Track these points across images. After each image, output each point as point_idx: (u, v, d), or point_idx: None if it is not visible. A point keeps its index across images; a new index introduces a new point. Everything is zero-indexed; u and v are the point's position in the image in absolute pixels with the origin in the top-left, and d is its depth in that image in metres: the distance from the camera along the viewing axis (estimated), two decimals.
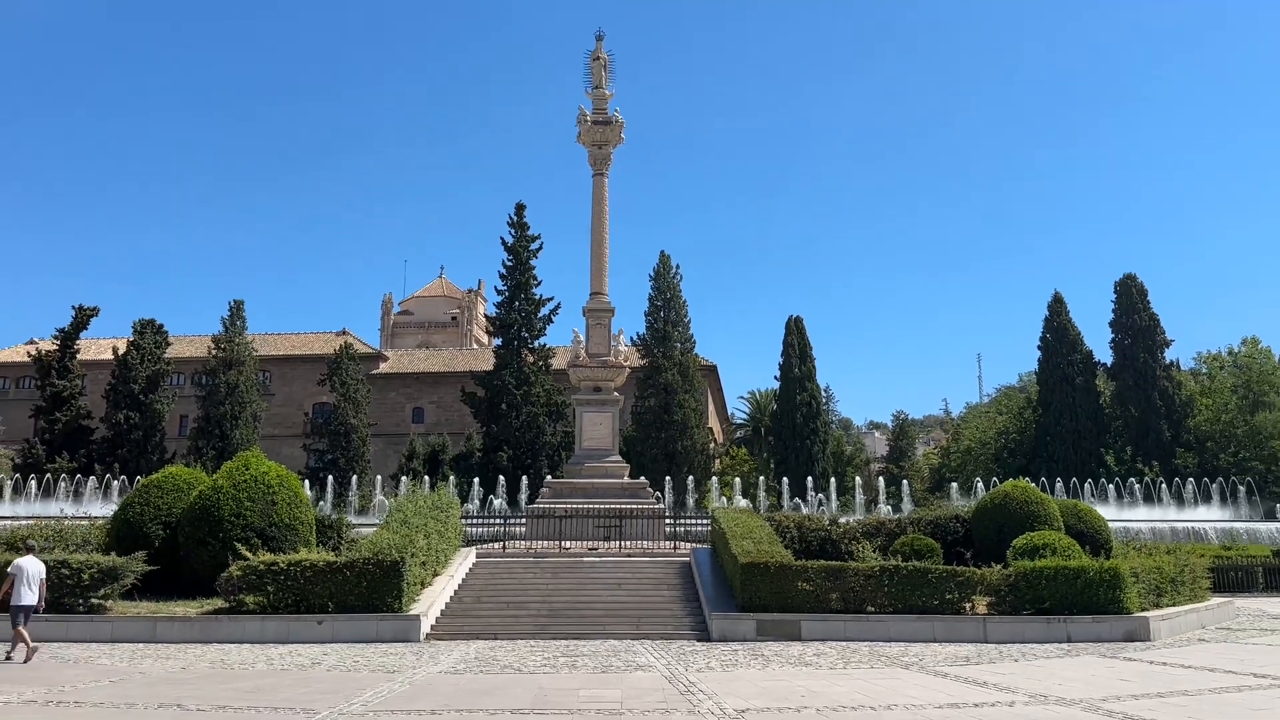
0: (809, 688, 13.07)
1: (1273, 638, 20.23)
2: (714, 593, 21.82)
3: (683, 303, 65.09)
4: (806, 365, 67.72)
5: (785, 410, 67.07)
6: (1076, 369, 65.21)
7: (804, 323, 69.05)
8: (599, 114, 38.58)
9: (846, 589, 20.16)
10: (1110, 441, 62.87)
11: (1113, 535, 26.57)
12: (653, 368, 62.21)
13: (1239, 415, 63.01)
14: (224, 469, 23.34)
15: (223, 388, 62.32)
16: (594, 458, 35.52)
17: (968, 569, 20.99)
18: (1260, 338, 71.37)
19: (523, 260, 62.49)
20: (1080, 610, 19.70)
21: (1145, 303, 66.07)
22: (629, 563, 25.37)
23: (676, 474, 54.60)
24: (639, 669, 15.16)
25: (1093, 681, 13.77)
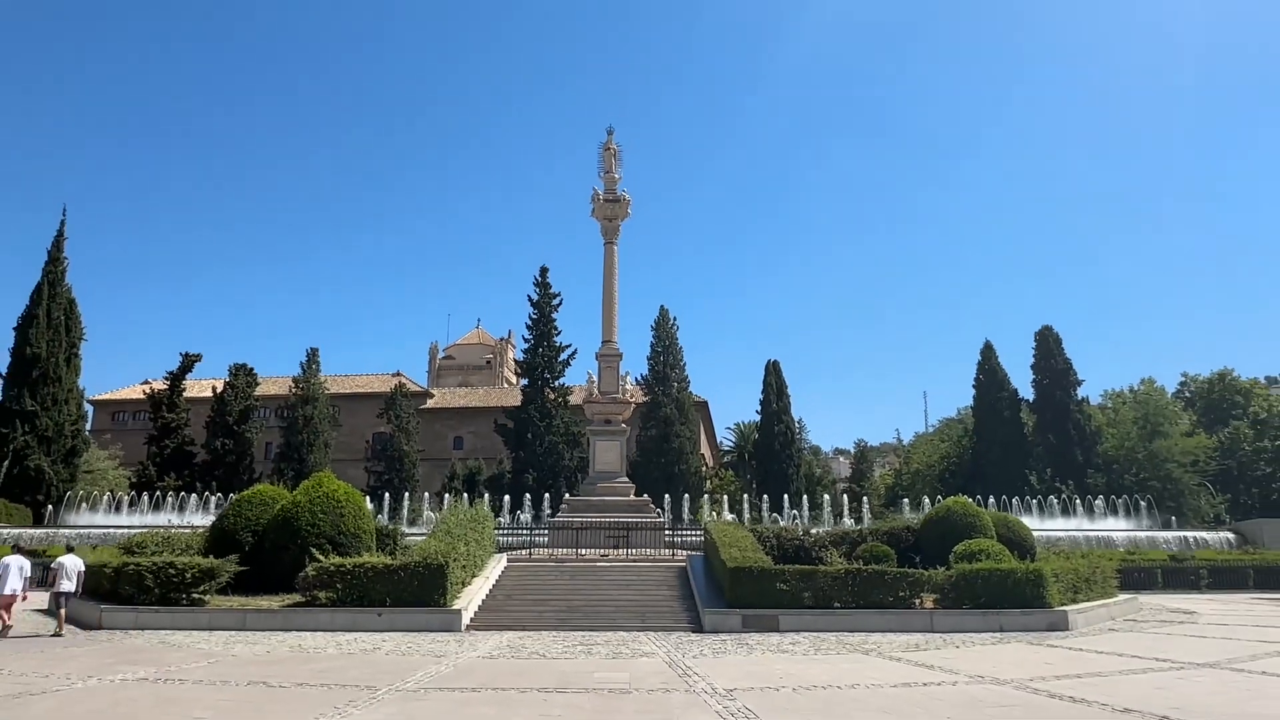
0: (786, 670, 13.02)
1: (1171, 628, 20.11)
2: (706, 592, 21.72)
3: (679, 348, 65.26)
4: (783, 401, 67.69)
5: (765, 439, 66.94)
6: (1005, 405, 65.10)
7: (781, 365, 69.08)
8: (609, 194, 39.04)
9: (817, 588, 20.07)
10: (1033, 464, 62.59)
11: (1036, 542, 26.38)
12: (654, 403, 62.23)
13: (1139, 443, 62.82)
14: (301, 487, 23.34)
15: (300, 420, 62.44)
16: (605, 479, 35.49)
17: (917, 571, 20.90)
18: (1155, 378, 71.55)
19: (546, 314, 62.77)
20: (1011, 605, 19.59)
21: (1060, 349, 66.11)
22: (635, 567, 25.28)
23: (674, 493, 54.35)
24: (644, 656, 15.10)
25: (1022, 664, 13.70)
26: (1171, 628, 20.06)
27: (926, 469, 72.64)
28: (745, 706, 9.78)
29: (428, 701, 10.38)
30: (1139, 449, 62.17)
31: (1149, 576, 35.13)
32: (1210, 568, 36.36)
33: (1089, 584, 22.78)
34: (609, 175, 39.40)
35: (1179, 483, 60.14)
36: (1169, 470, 60.29)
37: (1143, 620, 22.06)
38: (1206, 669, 12.80)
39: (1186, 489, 60.30)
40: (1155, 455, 61.17)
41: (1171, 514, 55.89)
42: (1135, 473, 61.06)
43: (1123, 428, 64.57)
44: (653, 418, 61.72)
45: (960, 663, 13.86)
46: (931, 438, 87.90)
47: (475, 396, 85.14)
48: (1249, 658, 14.03)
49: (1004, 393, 65.56)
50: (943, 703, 10.15)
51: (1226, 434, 68.31)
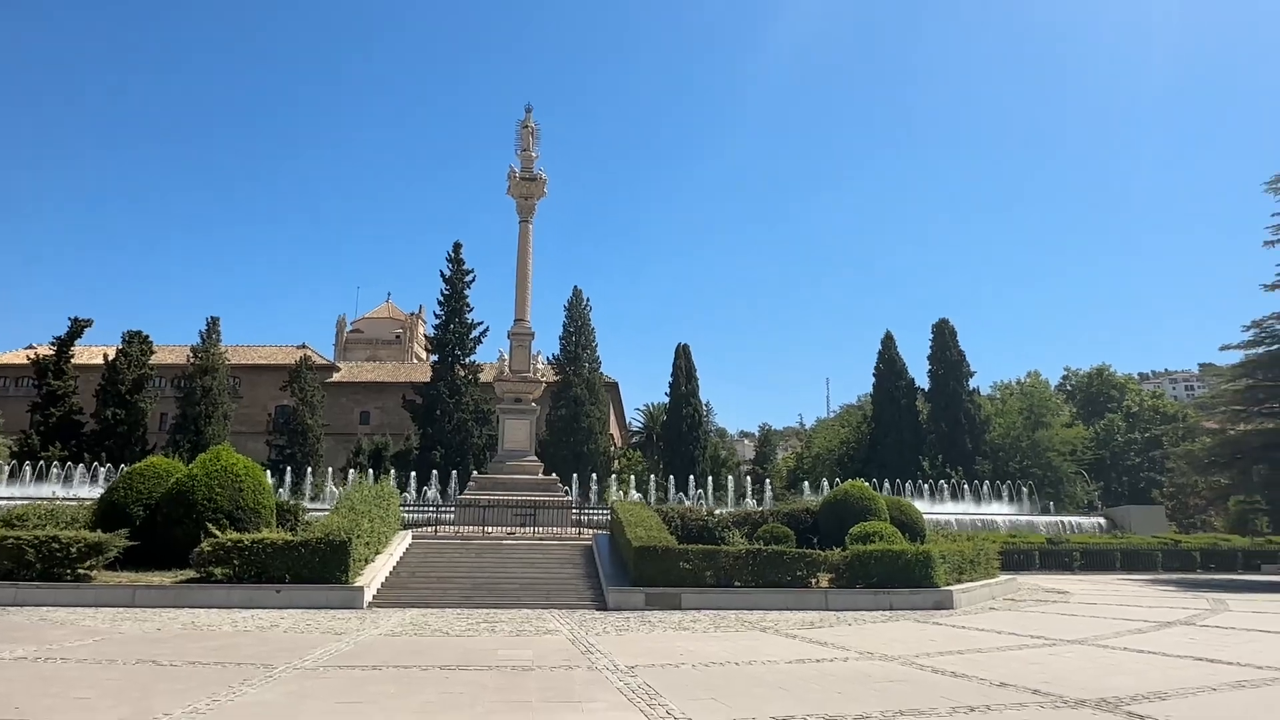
0: (686, 647, 13.24)
1: (1046, 606, 21.32)
2: (611, 570, 21.86)
3: (591, 329, 65.18)
4: (691, 384, 68.49)
5: (673, 421, 67.67)
6: (902, 393, 67.46)
7: (690, 349, 69.92)
8: (526, 172, 38.47)
9: (719, 567, 20.44)
10: (926, 450, 65.19)
11: (926, 525, 27.53)
12: (565, 383, 62.04)
13: (1024, 432, 66.15)
14: (198, 460, 22.36)
15: (198, 391, 59.68)
16: (514, 457, 35.22)
17: (815, 552, 21.55)
18: (1040, 371, 75.52)
19: (458, 290, 61.65)
20: (901, 584, 20.41)
21: (954, 342, 68.81)
22: (541, 545, 25.23)
23: (582, 472, 54.42)
24: (548, 633, 15.09)
25: (909, 641, 14.29)
26: (1046, 606, 21.28)
27: (827, 453, 74.81)
28: (646, 683, 9.90)
29: (326, 679, 10.13)
30: (1023, 438, 65.48)
31: (1028, 558, 37.20)
32: (1083, 550, 38.75)
33: (973, 565, 23.92)
34: (526, 154, 38.82)
35: (1058, 470, 63.69)
36: (1049, 458, 63.76)
37: (1021, 600, 23.33)
38: (1075, 645, 13.63)
39: (1065, 476, 63.92)
40: (1038, 444, 64.57)
41: (1050, 500, 59.23)
42: (1019, 460, 64.34)
43: (1009, 418, 67.85)
44: (563, 397, 61.51)
45: (852, 640, 14.36)
46: (833, 423, 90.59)
47: (384, 371, 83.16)
48: (1113, 634, 15.01)
49: (902, 382, 67.93)
50: (835, 678, 10.50)
51: (1102, 426, 72.75)
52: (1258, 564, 40.10)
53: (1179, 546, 40.78)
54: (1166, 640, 14.37)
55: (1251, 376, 39.31)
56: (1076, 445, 65.90)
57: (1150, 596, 24.99)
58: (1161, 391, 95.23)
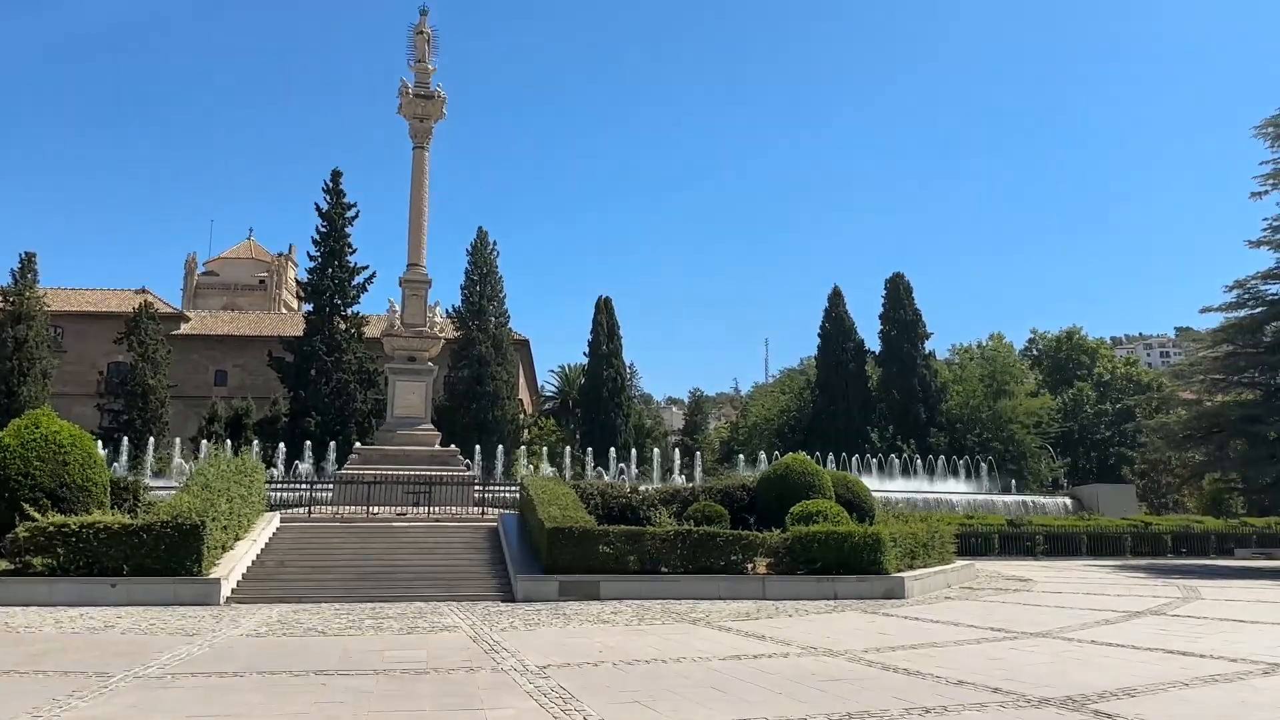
0: (606, 643, 13.32)
1: (1006, 596, 22.25)
2: (520, 556, 21.87)
3: (499, 278, 64.47)
4: (614, 343, 68.61)
5: (592, 384, 67.80)
6: (850, 356, 69.01)
7: (613, 303, 69.91)
8: (421, 88, 37.49)
9: (644, 551, 20.64)
10: (876, 421, 67.00)
11: (876, 504, 28.29)
12: (467, 340, 61.36)
13: (984, 401, 68.59)
14: (11, 427, 21.26)
15: (10, 343, 56.65)
16: (406, 425, 34.83)
17: (751, 533, 21.94)
18: (1004, 334, 78.16)
19: (338, 227, 59.95)
20: (847, 570, 20.97)
21: (910, 299, 70.52)
22: (438, 528, 25.08)
23: (487, 443, 54.11)
24: (445, 630, 15.01)
25: (856, 635, 14.70)
26: (1007, 596, 22.20)
27: (765, 423, 76.22)
28: (560, 685, 9.91)
29: (176, 689, 9.82)
30: (984, 408, 67.90)
31: (986, 542, 38.74)
32: (1046, 534, 40.57)
33: (927, 549, 24.75)
34: (421, 65, 37.79)
35: (1021, 444, 66.36)
36: (1012, 431, 66.33)
37: (979, 588, 24.28)
38: (1039, 639, 14.25)
39: (1028, 451, 66.66)
40: (999, 415, 67.06)
41: (1012, 477, 61.70)
42: (978, 433, 66.76)
43: (969, 385, 70.19)
44: (465, 356, 60.93)
45: (793, 633, 14.69)
46: (772, 389, 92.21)
47: (245, 322, 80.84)
48: (1079, 626, 15.75)
49: (850, 343, 69.44)
50: (773, 676, 10.71)
51: (1070, 396, 75.95)
52: (1230, 548, 42.73)
53: (1149, 529, 43.09)
54: (1136, 632, 15.15)
55: (1232, 342, 41.24)
56: (1042, 417, 68.68)
57: (1119, 584, 26.35)
58: (1136, 358, 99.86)
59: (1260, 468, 39.72)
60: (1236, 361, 41.05)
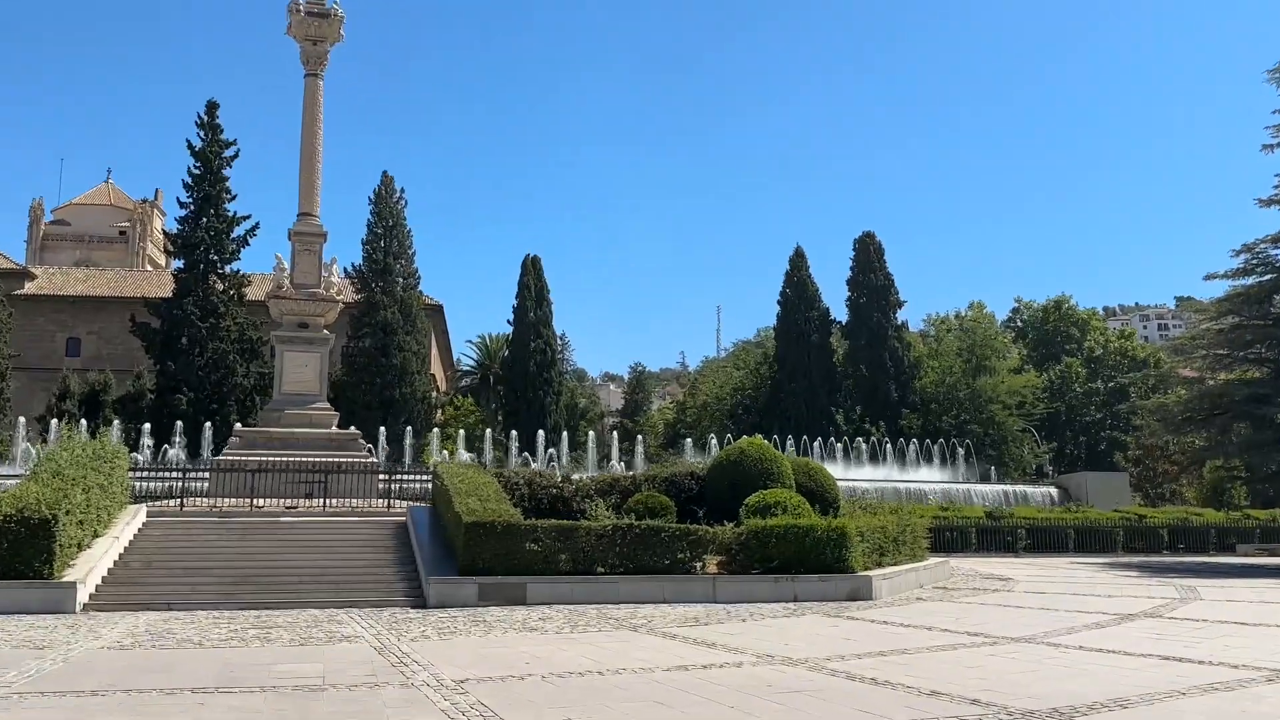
0: (533, 654, 13.36)
1: (985, 596, 22.81)
2: (433, 555, 21.83)
3: (407, 232, 63.74)
4: (543, 310, 68.42)
5: (518, 357, 67.56)
6: (813, 326, 69.72)
7: (541, 263, 69.59)
8: (315, 4, 36.77)
9: (577, 549, 20.72)
10: (842, 400, 67.89)
11: (841, 494, 28.73)
12: (370, 304, 60.62)
13: (962, 379, 69.86)
14: None
15: None
16: (297, 404, 34.45)
17: (700, 527, 22.15)
18: (986, 303, 79.58)
19: (214, 168, 58.53)
20: (808, 569, 21.29)
21: (881, 262, 71.40)
22: (335, 523, 24.96)
23: (393, 424, 53.67)
24: (344, 640, 14.92)
25: (817, 641, 14.94)
26: (985, 596, 22.76)
27: (716, 402, 76.76)
28: (480, 701, 9.92)
29: (22, 712, 9.61)
30: (961, 386, 69.18)
31: (963, 536, 39.66)
32: (1030, 527, 41.67)
33: (897, 545, 25.27)
34: None
35: (1002, 427, 67.84)
36: (993, 412, 67.74)
37: (955, 588, 24.86)
38: (1021, 643, 14.65)
39: (1010, 435, 68.17)
40: (979, 394, 68.40)
41: (992, 464, 63.13)
42: (955, 414, 68.05)
43: (945, 360, 71.42)
44: (367, 323, 60.23)
45: (747, 640, 14.89)
46: (724, 364, 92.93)
47: (102, 281, 78.99)
48: (1066, 630, 16.23)
49: (814, 311, 70.15)
50: (724, 688, 10.85)
51: (1057, 372, 77.74)
52: (1233, 543, 44.31)
53: (1144, 523, 44.48)
54: (1128, 636, 15.66)
55: (1239, 313, 42.28)
56: (1026, 396, 70.23)
57: (1109, 583, 27.18)
58: (1131, 330, 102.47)
59: (1266, 454, 40.87)
60: (1243, 335, 42.02)
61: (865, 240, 71.83)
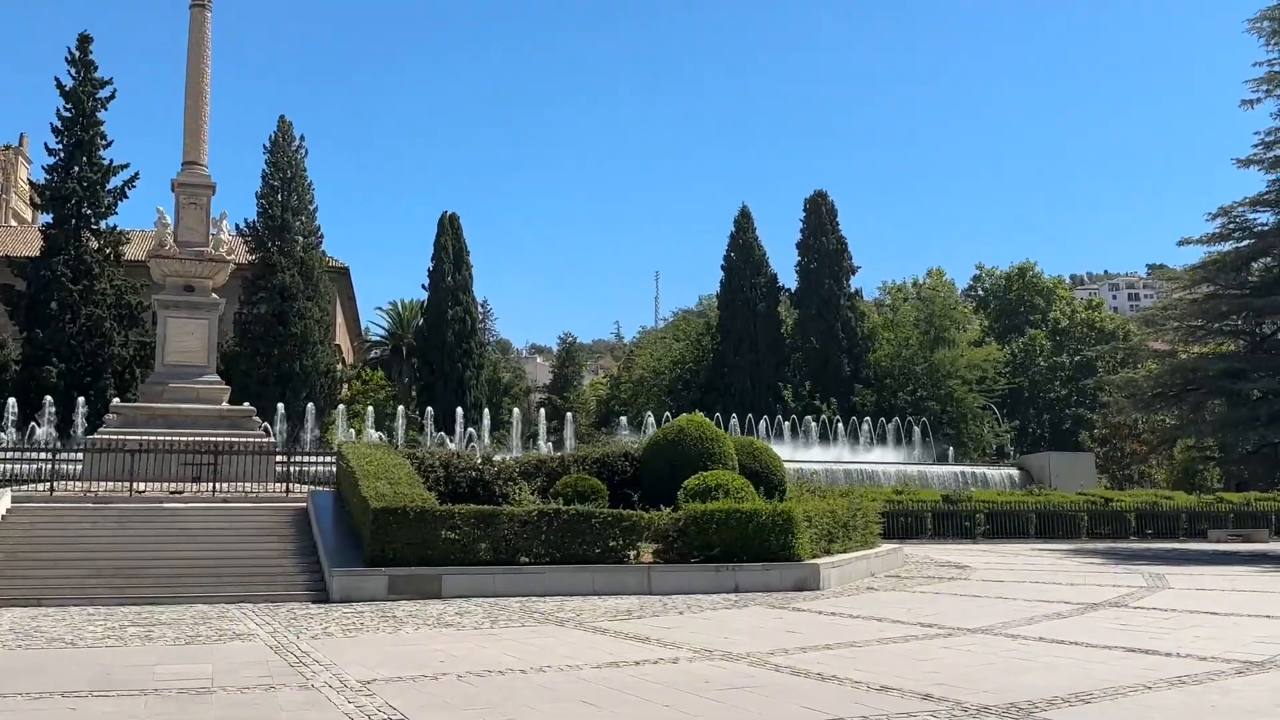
0: (449, 651, 13.35)
1: (940, 585, 23.26)
2: (337, 545, 21.69)
3: (308, 184, 62.67)
4: (462, 273, 67.96)
5: (434, 326, 67.08)
6: (760, 293, 70.16)
7: (460, 222, 69.01)
8: None
9: (499, 537, 20.69)
10: (790, 375, 68.56)
11: (788, 476, 29.05)
12: (266, 265, 59.59)
13: (919, 351, 70.92)
14: None
15: None
16: (182, 377, 33.96)
17: (635, 513, 22.24)
18: (945, 270, 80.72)
19: (87, 110, 56.95)
20: (751, 557, 21.51)
21: (834, 224, 72.04)
22: (227, 510, 24.71)
23: (293, 401, 52.98)
24: (236, 638, 14.78)
25: (760, 634, 15.13)
26: (940, 585, 23.23)
27: (654, 377, 77.11)
28: (387, 704, 9.89)
29: None
30: (918, 359, 70.27)
31: (918, 521, 40.37)
32: (989, 511, 42.55)
33: (848, 531, 25.65)
34: None
35: (961, 404, 69.09)
36: (951, 388, 68.91)
37: (909, 576, 25.34)
38: (978, 635, 14.98)
39: (969, 413, 69.49)
40: (937, 369, 69.54)
41: (950, 444, 64.29)
42: (911, 390, 69.13)
43: (902, 331, 72.45)
44: (263, 287, 59.25)
45: (684, 633, 15.03)
46: (663, 335, 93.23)
47: None
48: (1026, 621, 16.62)
49: (760, 277, 70.61)
50: (659, 686, 10.93)
51: (1021, 345, 79.28)
52: (1204, 528, 45.60)
53: (1110, 506, 45.61)
54: (1092, 627, 16.08)
55: (1213, 281, 43.09)
56: (987, 371, 71.53)
57: (1072, 571, 27.87)
58: (1099, 300, 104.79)
59: (1240, 432, 41.69)
60: (1218, 305, 42.77)
61: (817, 200, 72.38)
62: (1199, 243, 43.24)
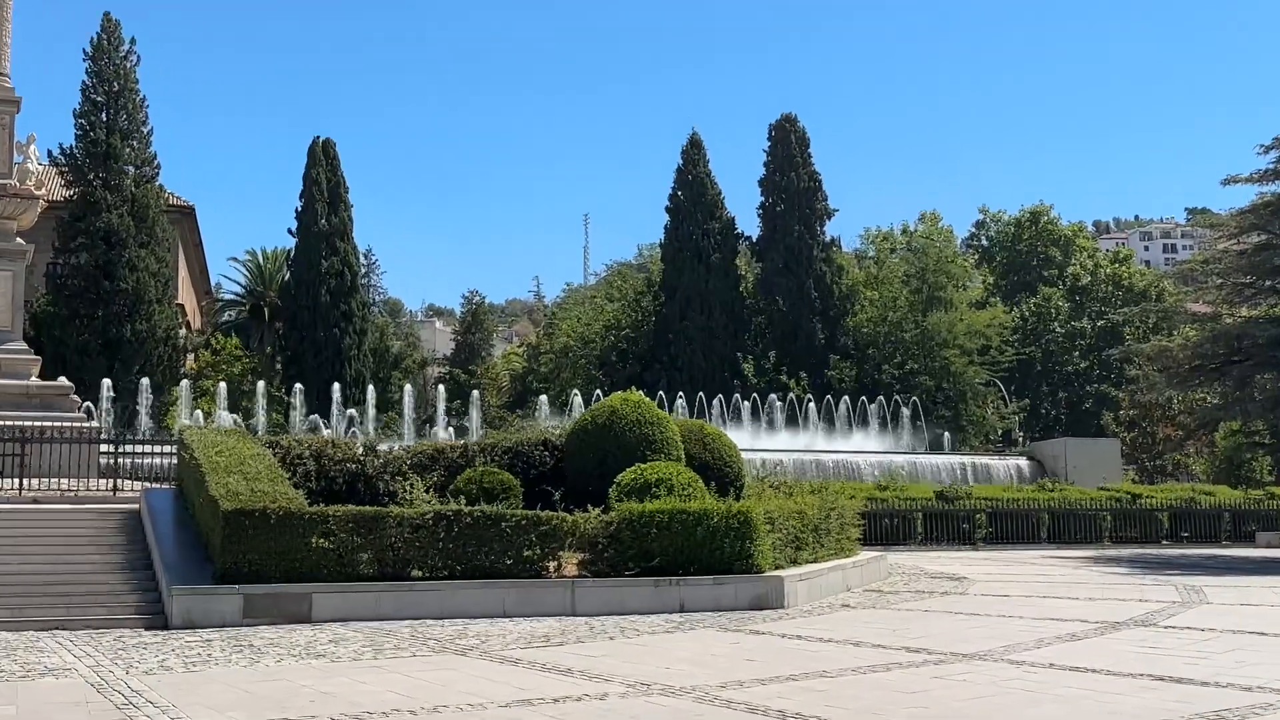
0: (319, 688, 13.23)
1: (931, 601, 23.46)
2: (178, 557, 21.46)
3: (140, 101, 61.59)
4: (340, 214, 67.26)
5: (304, 281, 66.39)
6: (713, 242, 70.11)
7: (337, 150, 68.17)
8: None
9: (384, 546, 20.50)
10: (750, 343, 68.67)
11: (747, 469, 29.13)
12: (87, 203, 58.54)
13: (909, 314, 71.25)
14: None
15: None
16: None
17: (556, 515, 22.14)
18: (941, 214, 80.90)
19: None
20: (700, 569, 21.54)
21: (805, 156, 72.06)
22: (37, 513, 24.42)
23: (123, 375, 52.36)
24: (49, 673, 14.54)
25: (710, 663, 15.14)
26: (932, 601, 23.44)
27: (582, 346, 76.91)
28: None
29: None
30: (908, 324, 70.71)
31: (906, 523, 40.71)
32: (992, 511, 42.94)
33: (819, 535, 25.79)
34: None
35: (960, 379, 69.70)
36: (948, 360, 69.44)
37: (893, 590, 25.56)
38: (976, 662, 15.09)
39: (970, 390, 70.13)
40: (930, 336, 69.98)
41: (946, 428, 64.89)
42: (899, 362, 69.63)
43: (888, 290, 72.82)
44: (84, 230, 58.29)
45: (615, 663, 15.00)
46: (593, 294, 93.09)
47: None
48: (1034, 644, 16.80)
49: (714, 222, 70.62)
50: None
51: (1032, 307, 80.00)
52: (1252, 530, 46.30)
53: (1138, 504, 46.26)
54: (1114, 650, 16.26)
55: (1266, 229, 42.83)
56: (991, 338, 72.15)
57: (1091, 582, 28.27)
58: (1128, 251, 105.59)
59: None
60: (1271, 258, 42.37)
61: (784, 126, 72.37)
62: (1248, 181, 43.09)
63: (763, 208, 72.34)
